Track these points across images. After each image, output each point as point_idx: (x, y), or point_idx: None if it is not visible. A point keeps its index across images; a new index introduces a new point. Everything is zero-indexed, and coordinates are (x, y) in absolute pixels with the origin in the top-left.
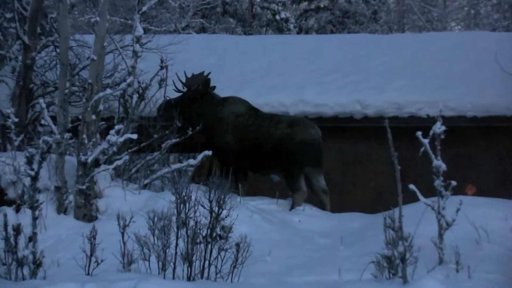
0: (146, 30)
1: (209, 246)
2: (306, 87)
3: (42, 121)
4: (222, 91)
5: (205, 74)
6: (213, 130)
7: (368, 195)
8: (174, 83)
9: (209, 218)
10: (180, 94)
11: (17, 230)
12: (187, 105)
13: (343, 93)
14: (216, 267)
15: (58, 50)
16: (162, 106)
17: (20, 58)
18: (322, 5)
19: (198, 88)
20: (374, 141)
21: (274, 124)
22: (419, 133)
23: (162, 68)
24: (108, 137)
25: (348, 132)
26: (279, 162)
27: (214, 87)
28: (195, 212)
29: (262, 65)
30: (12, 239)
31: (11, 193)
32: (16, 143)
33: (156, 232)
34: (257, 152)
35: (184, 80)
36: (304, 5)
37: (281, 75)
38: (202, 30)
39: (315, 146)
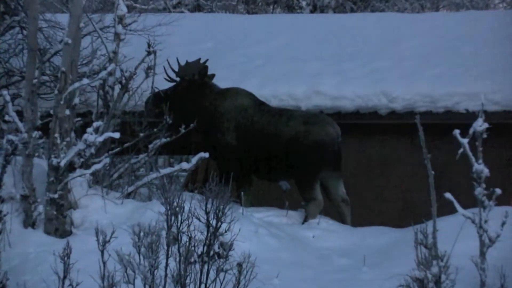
0: (130, 8)
1: (206, 266)
2: (321, 76)
3: (6, 117)
4: (221, 82)
5: (201, 61)
6: (211, 128)
7: (395, 205)
8: (165, 71)
9: (205, 233)
10: (171, 84)
11: None
12: (180, 98)
13: (366, 83)
14: None
15: (25, 32)
16: (150, 99)
17: None
18: None
19: (194, 78)
20: (403, 141)
21: (285, 121)
22: (456, 132)
23: (149, 53)
24: (85, 136)
25: (372, 130)
26: (290, 166)
27: (212, 76)
28: (188, 225)
29: (269, 50)
30: None
31: None
32: None
33: (143, 249)
34: (264, 154)
35: (176, 69)
36: None
37: (292, 62)
38: (197, 8)
39: (333, 147)
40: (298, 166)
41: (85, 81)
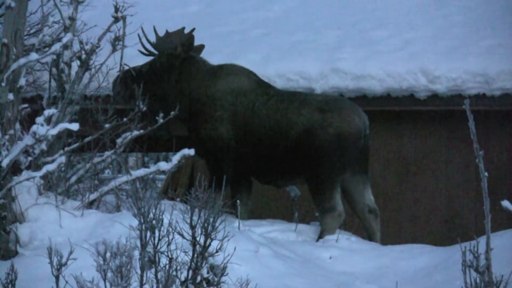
0: None
1: None
2: (341, 50)
3: None
4: (210, 57)
5: (186, 31)
6: (199, 117)
7: (436, 216)
8: (140, 42)
9: (191, 253)
10: (147, 60)
11: None
12: (159, 78)
13: (398, 58)
14: None
15: None
16: (119, 79)
17: None
18: None
19: (176, 52)
20: (447, 132)
21: (296, 108)
22: None
23: (116, 20)
24: (34, 127)
25: (407, 118)
26: (303, 166)
27: (201, 48)
28: (169, 243)
29: (273, 16)
30: None
31: None
32: None
33: (109, 274)
34: (268, 152)
35: (153, 39)
36: None
37: (303, 30)
38: None
39: (359, 142)
40: (313, 166)
41: (34, 56)
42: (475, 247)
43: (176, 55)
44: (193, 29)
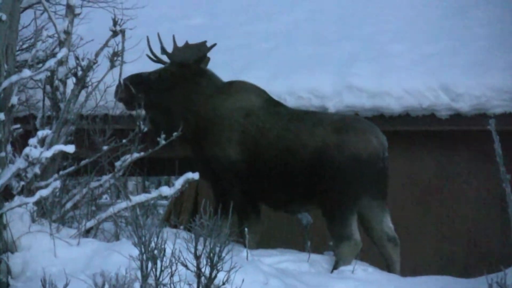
0: None
1: None
2: (355, 64)
3: None
4: (215, 72)
5: (208, 45)
6: (206, 136)
7: (457, 243)
8: (149, 46)
9: (195, 285)
10: (157, 68)
11: None
12: (167, 88)
13: (418, 74)
14: None
15: None
16: (123, 84)
17: None
18: None
19: (189, 63)
20: (471, 154)
21: (309, 128)
22: None
23: (115, 34)
24: (27, 150)
25: (427, 139)
26: (316, 190)
27: (206, 61)
28: (172, 275)
29: (281, 28)
30: None
31: None
32: None
33: None
34: (280, 175)
35: (170, 49)
36: None
37: (314, 44)
38: None
39: (377, 165)
40: (327, 191)
41: (26, 72)
42: (503, 279)
43: (189, 67)
44: (215, 45)
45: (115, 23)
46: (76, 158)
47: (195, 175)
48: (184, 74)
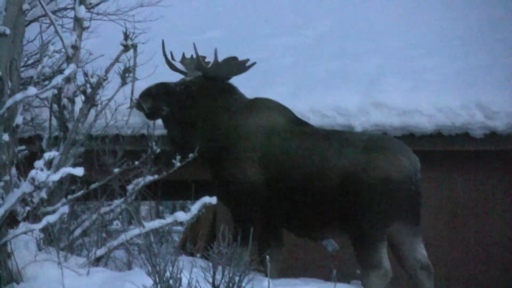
0: None
1: None
2: (383, 81)
3: None
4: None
5: (248, 63)
6: (226, 157)
7: (494, 270)
8: (164, 53)
9: None
10: (182, 79)
11: None
12: (192, 103)
13: (450, 90)
14: None
15: None
16: (152, 92)
17: None
18: None
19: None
20: (506, 175)
21: (336, 148)
22: None
23: (126, 48)
24: (33, 172)
25: (460, 160)
26: (344, 215)
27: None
28: None
29: (304, 42)
30: None
31: None
32: None
33: None
34: (304, 198)
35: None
36: None
37: (339, 58)
38: None
39: (409, 188)
40: (355, 216)
41: (32, 90)
42: None
43: (220, 82)
44: (254, 64)
45: (126, 37)
46: (85, 182)
47: (213, 199)
48: (212, 89)
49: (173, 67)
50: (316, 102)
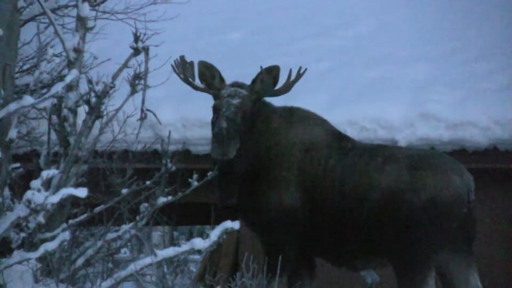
0: None
1: None
2: (432, 89)
3: None
4: None
5: (301, 71)
6: (260, 177)
7: None
8: (174, 69)
9: None
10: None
11: None
12: (248, 128)
13: (508, 99)
14: None
15: None
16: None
17: None
18: None
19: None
20: None
21: (380, 165)
22: None
23: (136, 52)
24: (28, 194)
25: None
26: (387, 241)
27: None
28: None
29: (342, 45)
30: None
31: None
32: None
33: None
34: (343, 222)
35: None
36: None
37: (381, 63)
38: None
39: (461, 211)
40: (400, 242)
41: (28, 100)
42: None
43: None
44: (305, 70)
45: (136, 39)
46: (89, 204)
47: (235, 224)
48: (262, 108)
49: (194, 87)
50: (354, 113)
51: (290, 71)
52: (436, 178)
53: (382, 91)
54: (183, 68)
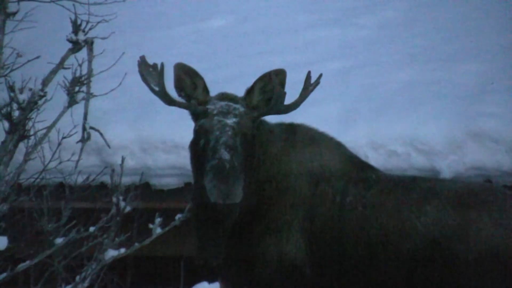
0: None
1: None
2: (486, 98)
3: None
4: None
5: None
6: (255, 222)
7: None
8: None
9: None
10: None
11: None
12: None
13: None
14: None
15: None
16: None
17: None
18: None
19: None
20: None
21: (416, 203)
22: None
23: (77, 46)
24: None
25: None
26: None
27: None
28: None
29: (362, 35)
30: None
31: None
32: None
33: None
34: (368, 282)
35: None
36: None
37: (415, 62)
38: None
39: None
40: None
41: None
42: None
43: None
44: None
45: (77, 28)
46: (11, 259)
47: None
48: (262, 127)
49: (168, 101)
50: (378, 131)
51: (309, 74)
52: (493, 221)
53: (416, 102)
54: (145, 73)
